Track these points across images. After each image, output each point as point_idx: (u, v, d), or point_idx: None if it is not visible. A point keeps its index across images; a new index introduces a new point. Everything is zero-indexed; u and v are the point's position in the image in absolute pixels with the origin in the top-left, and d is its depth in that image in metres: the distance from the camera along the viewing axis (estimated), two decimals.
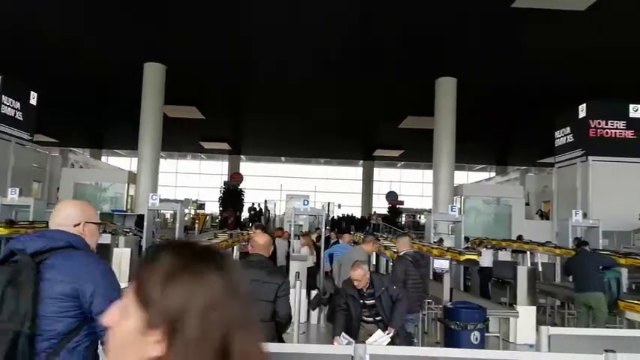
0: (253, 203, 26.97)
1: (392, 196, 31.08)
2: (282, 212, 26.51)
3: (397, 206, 30.26)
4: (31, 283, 1.72)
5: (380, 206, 32.08)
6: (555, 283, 9.87)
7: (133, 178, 16.86)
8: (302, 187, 33.42)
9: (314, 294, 8.73)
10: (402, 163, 34.85)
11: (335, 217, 27.21)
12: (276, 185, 33.82)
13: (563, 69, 13.97)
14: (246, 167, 34.89)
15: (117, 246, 8.93)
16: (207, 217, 23.60)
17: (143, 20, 12.18)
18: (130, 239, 9.71)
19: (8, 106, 15.05)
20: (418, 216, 30.54)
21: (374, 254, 9.43)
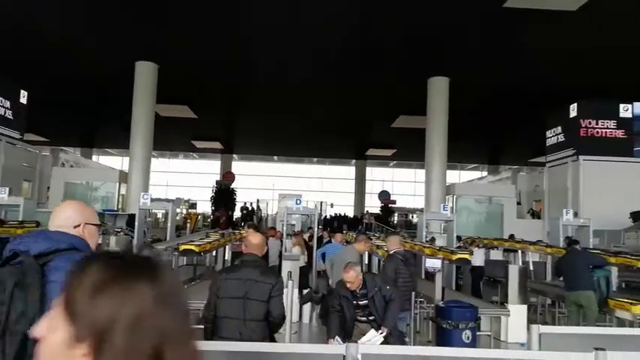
0: (245, 203, 26.91)
1: (384, 195, 31.13)
2: (274, 212, 26.48)
3: (389, 205, 30.31)
4: (38, 285, 1.72)
5: (372, 205, 32.13)
6: (546, 282, 9.94)
7: (124, 177, 16.78)
8: (294, 187, 33.40)
9: (306, 292, 8.75)
10: (395, 162, 34.93)
11: (327, 216, 27.22)
12: (269, 184, 33.78)
13: (554, 69, 14.06)
14: (239, 166, 34.82)
15: (108, 246, 8.90)
16: (199, 217, 23.50)
17: (135, 19, 12.12)
18: (121, 239, 9.68)
19: None
20: (410, 215, 30.61)
21: (366, 253, 9.44)
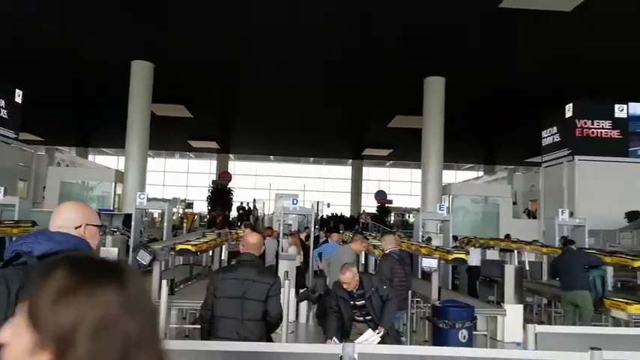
0: (242, 202, 26.87)
1: (381, 195, 31.15)
2: (271, 211, 26.45)
3: (386, 205, 30.34)
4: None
5: (369, 205, 32.14)
6: (542, 282, 9.95)
7: (120, 176, 16.73)
8: (291, 186, 33.36)
9: (302, 291, 8.78)
10: (391, 162, 34.96)
11: (324, 216, 27.22)
12: (265, 184, 33.74)
13: (549, 69, 14.11)
14: (235, 166, 34.78)
15: (104, 245, 8.87)
16: (196, 217, 23.45)
17: (131, 18, 12.07)
18: (117, 239, 9.64)
19: None
20: (407, 215, 30.64)
21: (363, 253, 9.44)
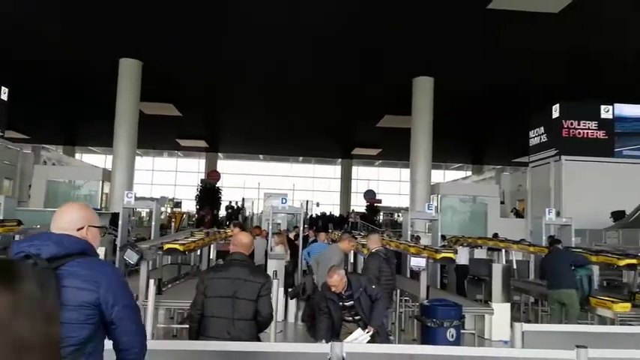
0: (231, 201, 26.79)
1: (370, 194, 31.24)
2: (260, 210, 26.40)
3: (375, 204, 30.44)
4: (56, 290, 1.72)
5: (358, 204, 32.21)
6: (529, 281, 10.03)
7: (107, 175, 16.59)
8: (280, 186, 33.31)
9: (292, 289, 8.77)
10: (380, 161, 35.08)
11: (313, 215, 27.23)
12: (254, 183, 33.66)
13: (538, 70, 14.23)
14: (224, 165, 34.65)
15: None
16: (184, 216, 23.36)
17: (119, 14, 11.95)
18: (105, 238, 9.54)
19: None
20: (396, 214, 30.76)
21: (352, 252, 9.45)
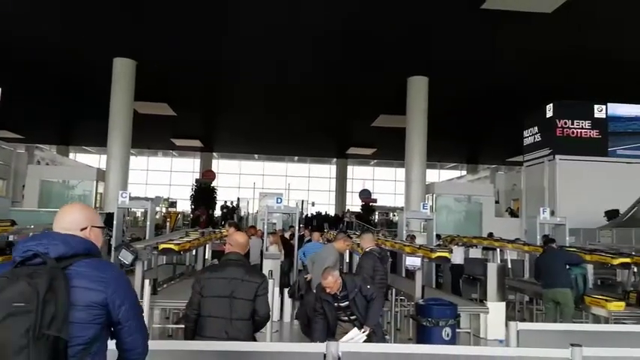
0: (226, 201, 26.74)
1: (365, 194, 31.26)
2: (255, 210, 26.36)
3: (370, 204, 30.45)
4: (65, 289, 1.73)
5: (353, 204, 32.23)
6: (524, 280, 10.08)
7: (101, 175, 16.52)
8: (275, 185, 33.29)
9: (287, 290, 8.78)
10: (376, 161, 35.11)
11: (308, 214, 27.22)
12: (250, 183, 33.62)
13: (532, 69, 14.28)
14: (219, 165, 34.58)
15: None
16: (179, 216, 23.29)
17: (113, 13, 11.90)
18: None
19: None
20: (391, 214, 30.79)
21: (347, 252, 9.44)
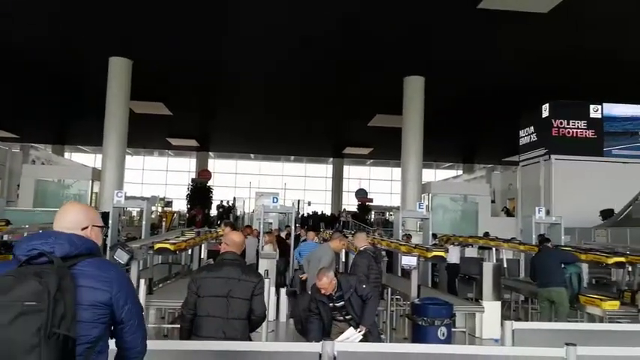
0: (222, 201, 26.72)
1: (361, 193, 31.29)
2: (251, 210, 26.35)
3: (367, 203, 30.49)
4: (72, 288, 1.75)
5: (350, 204, 32.25)
6: (519, 279, 10.10)
7: (97, 174, 16.46)
8: (272, 185, 33.27)
9: (283, 291, 8.81)
10: (372, 160, 35.15)
11: (304, 214, 27.23)
12: (246, 182, 33.60)
13: (527, 69, 14.32)
14: (215, 164, 34.53)
15: None
16: (175, 215, 23.26)
17: (109, 12, 11.84)
18: None
19: None
20: (387, 213, 30.84)
21: (343, 251, 9.45)
